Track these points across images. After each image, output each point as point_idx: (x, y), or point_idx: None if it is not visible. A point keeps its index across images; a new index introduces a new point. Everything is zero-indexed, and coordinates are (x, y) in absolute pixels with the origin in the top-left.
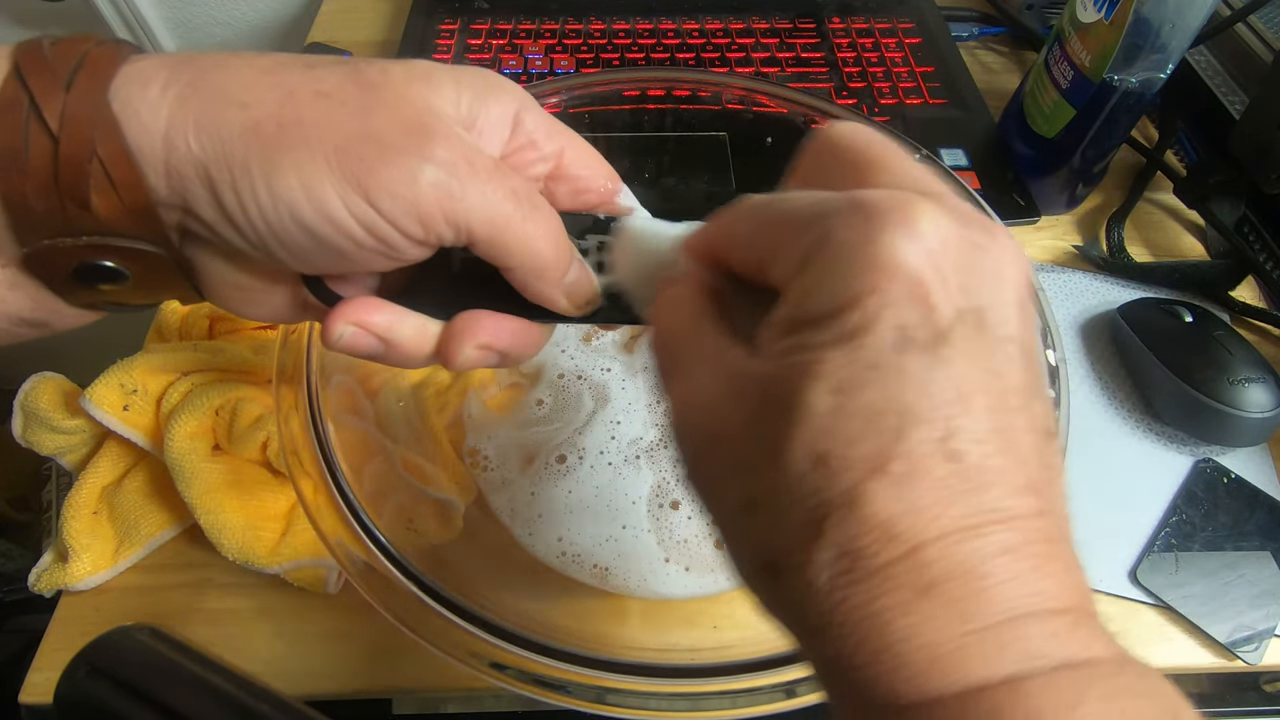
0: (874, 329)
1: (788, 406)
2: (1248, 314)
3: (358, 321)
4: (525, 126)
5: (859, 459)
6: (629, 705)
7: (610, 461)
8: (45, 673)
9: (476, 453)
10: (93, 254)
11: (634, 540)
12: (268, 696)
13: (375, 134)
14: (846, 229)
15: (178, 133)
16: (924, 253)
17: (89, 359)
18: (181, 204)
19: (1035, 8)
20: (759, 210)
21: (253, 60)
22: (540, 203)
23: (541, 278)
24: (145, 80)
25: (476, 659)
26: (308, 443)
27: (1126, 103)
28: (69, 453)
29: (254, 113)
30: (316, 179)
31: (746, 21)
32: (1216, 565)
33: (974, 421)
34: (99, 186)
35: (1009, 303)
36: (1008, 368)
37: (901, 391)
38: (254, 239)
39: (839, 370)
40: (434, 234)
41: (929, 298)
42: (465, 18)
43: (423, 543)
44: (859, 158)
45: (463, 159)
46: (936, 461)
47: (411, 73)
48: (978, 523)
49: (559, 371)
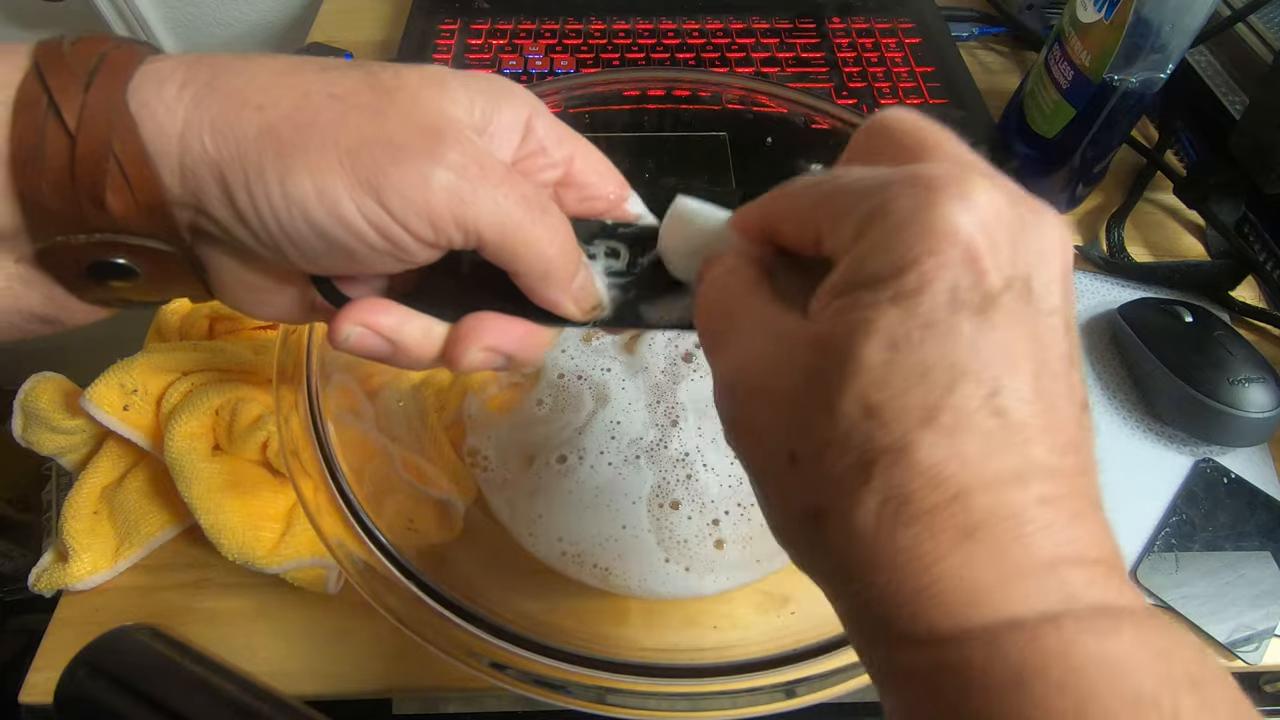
0: (929, 290)
1: (842, 360)
2: (1248, 314)
3: (364, 322)
4: (536, 133)
5: (910, 409)
6: (629, 705)
7: (610, 461)
8: (45, 673)
9: (476, 453)
10: (106, 251)
11: (634, 540)
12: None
13: (388, 137)
14: (905, 198)
15: (193, 133)
16: (978, 222)
17: (89, 359)
18: (195, 203)
19: (1035, 8)
20: (815, 185)
21: (268, 63)
22: (550, 208)
23: (549, 282)
24: (162, 81)
25: (476, 659)
26: (308, 443)
27: (1126, 103)
28: (69, 453)
29: (269, 114)
30: (329, 180)
31: (746, 21)
32: (1216, 565)
33: (1019, 382)
34: (115, 185)
35: (1054, 277)
36: (1050, 337)
37: (953, 349)
38: (266, 239)
39: (894, 327)
40: (444, 237)
41: (981, 263)
42: (465, 18)
43: (423, 543)
44: (912, 140)
45: (474, 163)
46: (984, 416)
47: (425, 78)
48: (1021, 473)
49: (559, 371)
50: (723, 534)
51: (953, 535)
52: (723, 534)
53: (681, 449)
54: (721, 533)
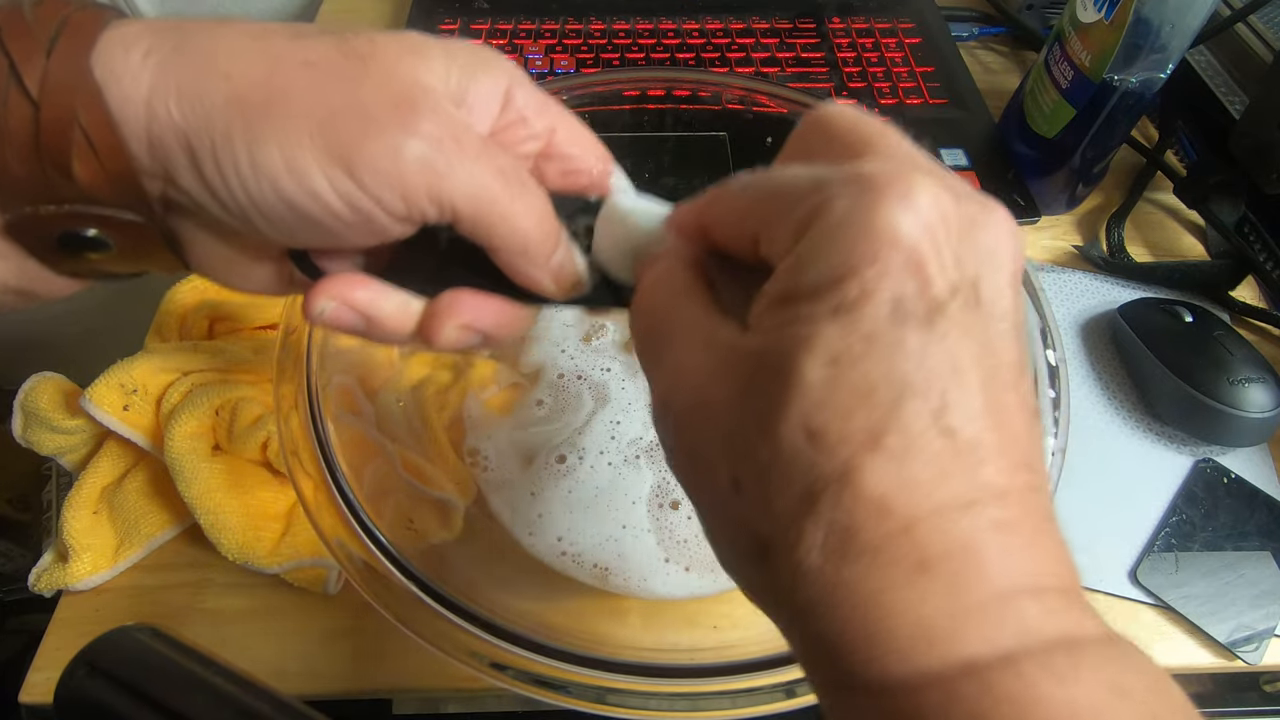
0: (871, 300)
1: (781, 379)
2: (1248, 314)
3: (339, 297)
4: (516, 103)
5: (854, 432)
6: (629, 705)
7: (610, 461)
8: (45, 673)
9: (476, 453)
10: (76, 223)
11: (634, 540)
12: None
13: (361, 107)
14: (844, 200)
15: (159, 100)
16: (922, 225)
17: (89, 359)
18: (163, 174)
19: (1035, 8)
20: (751, 185)
21: (239, 27)
22: (528, 182)
23: (527, 259)
24: (128, 46)
25: (476, 659)
26: (308, 443)
27: (1126, 103)
28: (69, 453)
29: (237, 82)
30: (299, 151)
31: (746, 21)
32: (1216, 565)
33: (968, 396)
34: (81, 153)
35: (1003, 280)
36: (1000, 344)
37: (897, 364)
38: (235, 210)
39: (834, 342)
40: (417, 210)
41: (925, 270)
42: (465, 18)
43: (423, 543)
44: (851, 136)
45: (449, 135)
46: (931, 437)
47: (401, 45)
48: (973, 498)
49: (559, 371)
50: None
51: (904, 570)
52: None
53: None
54: None
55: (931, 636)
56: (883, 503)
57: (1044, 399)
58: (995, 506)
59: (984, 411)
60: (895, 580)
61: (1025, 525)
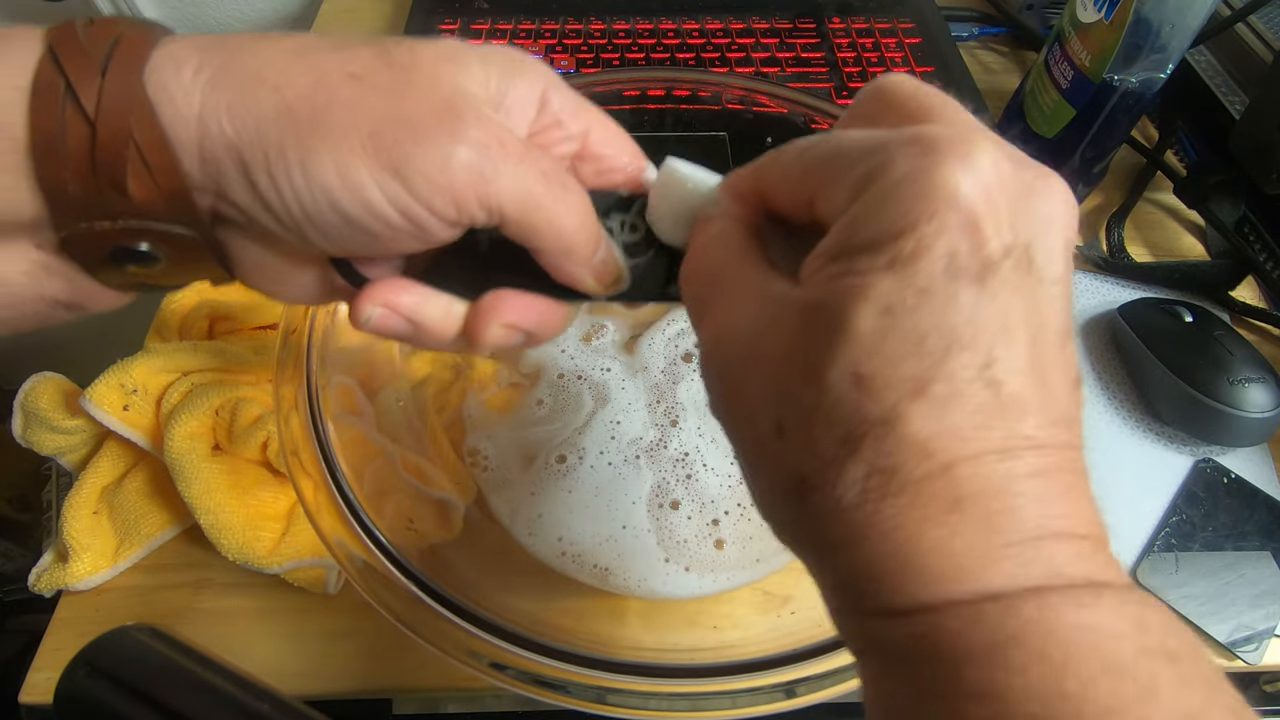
0: (927, 255)
1: (833, 328)
2: (1248, 314)
3: (385, 303)
4: (552, 106)
5: (901, 379)
6: (629, 705)
7: (610, 461)
8: (45, 673)
9: (476, 453)
10: (129, 238)
11: (634, 540)
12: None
13: (408, 117)
14: (905, 159)
15: (211, 116)
16: (980, 186)
17: (89, 359)
18: (215, 188)
19: (1035, 8)
20: (811, 147)
21: (282, 42)
22: (570, 183)
23: (570, 258)
24: (178, 64)
25: (476, 659)
26: (308, 443)
27: (1126, 103)
28: (69, 453)
29: (286, 95)
30: (351, 162)
31: (746, 21)
32: (1216, 565)
33: (1015, 352)
34: (135, 171)
35: (1056, 246)
36: (1049, 307)
37: (949, 317)
38: (288, 222)
39: (889, 293)
40: (467, 215)
41: (981, 230)
42: (465, 18)
43: (423, 543)
44: (913, 104)
45: (495, 140)
46: (977, 387)
47: (440, 53)
48: (1011, 445)
49: (559, 371)
50: (723, 534)
51: (939, 507)
52: (723, 534)
53: (681, 449)
54: (721, 532)
55: (960, 569)
56: (925, 446)
57: None
58: (1033, 455)
59: (1029, 369)
60: (930, 515)
61: (1060, 476)
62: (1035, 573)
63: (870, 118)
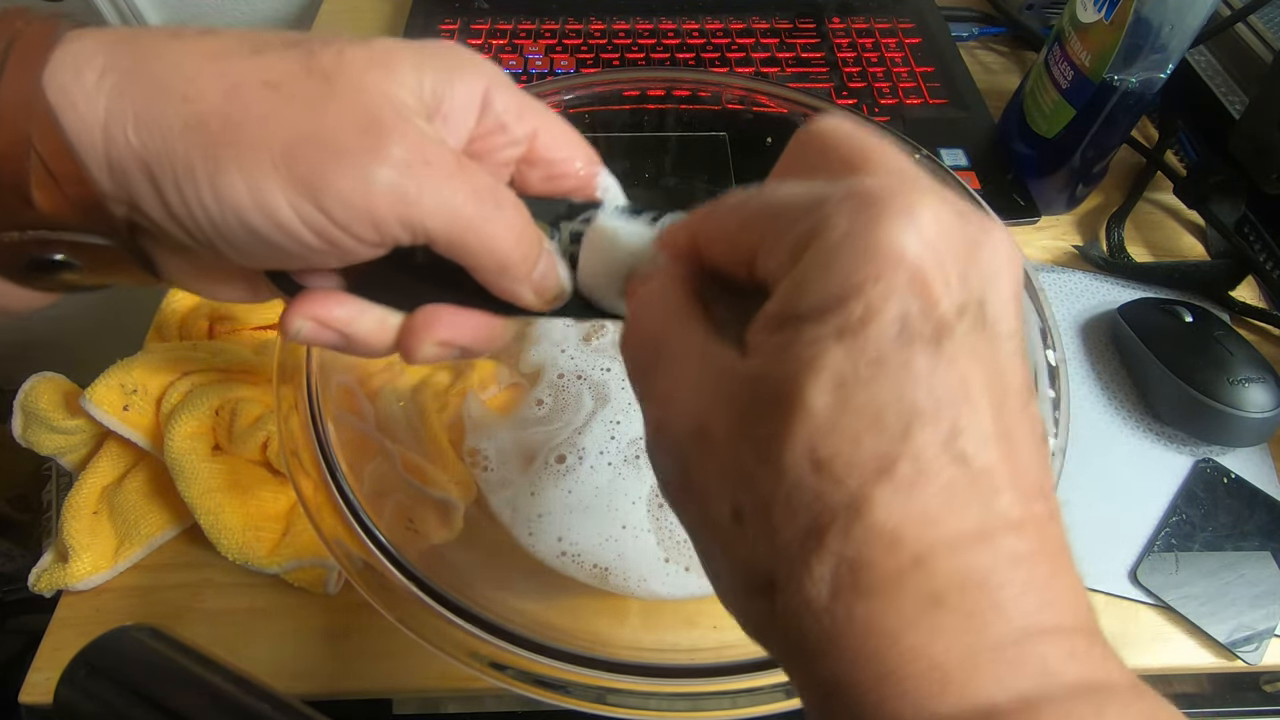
0: (877, 320)
1: (784, 405)
2: (1248, 314)
3: (315, 316)
4: (494, 108)
5: (863, 461)
6: (629, 705)
7: (610, 461)
8: (45, 673)
9: (476, 453)
10: (41, 249)
11: (634, 540)
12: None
13: (326, 134)
14: (844, 217)
15: (117, 125)
16: (925, 242)
17: (89, 359)
18: (128, 198)
19: (1035, 8)
20: (745, 203)
21: (196, 44)
22: (505, 199)
23: (506, 275)
24: (80, 66)
25: (476, 659)
26: (308, 443)
27: (1126, 103)
28: (69, 453)
29: (197, 106)
30: (263, 182)
31: (746, 21)
32: (1216, 565)
33: (980, 421)
34: (40, 181)
35: (1007, 299)
36: (1009, 366)
37: (907, 388)
38: (200, 238)
39: (840, 364)
40: (389, 236)
41: (931, 289)
42: (465, 18)
43: (423, 543)
44: (848, 150)
45: (419, 158)
46: (944, 464)
47: (371, 58)
48: (988, 530)
49: (559, 371)
50: None
51: (917, 606)
52: None
53: None
54: None
55: (946, 678)
56: (894, 535)
57: (1044, 399)
58: (1012, 538)
59: (996, 438)
60: (907, 616)
61: (1043, 559)
62: (1026, 677)
63: (806, 166)
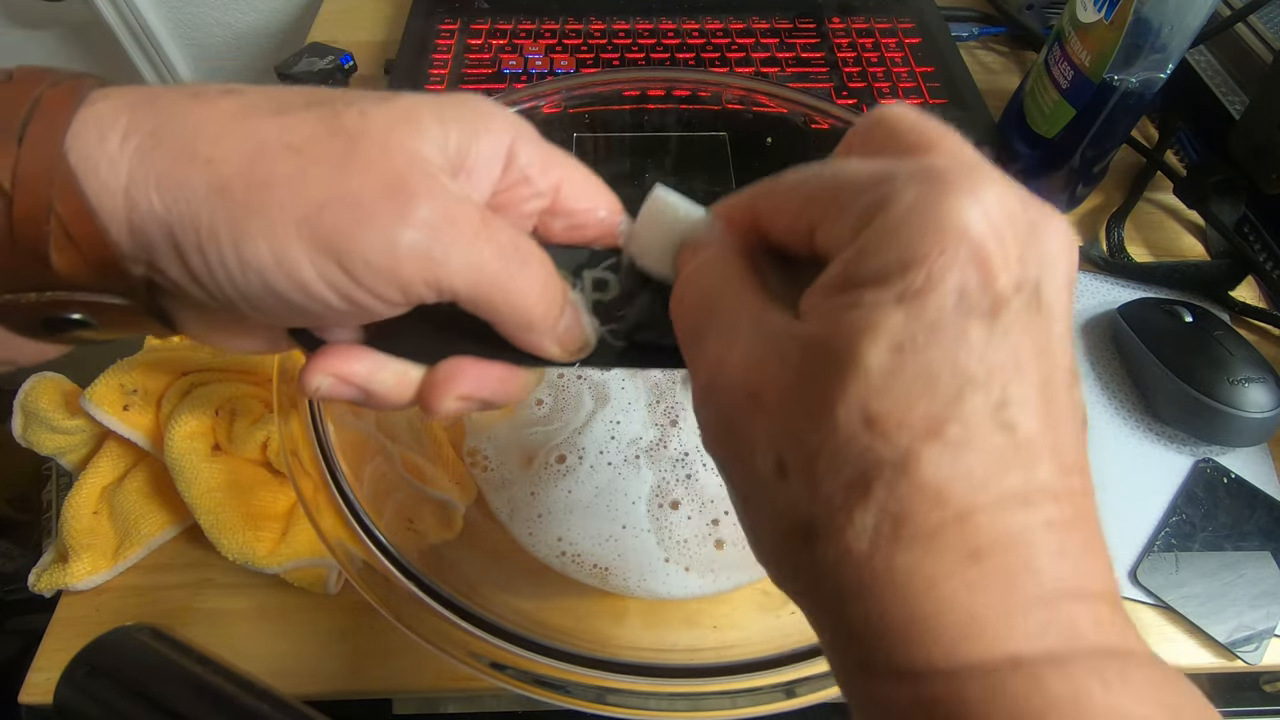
0: (938, 289)
1: (841, 364)
2: (1248, 314)
3: (335, 372)
4: (519, 161)
5: (914, 421)
6: (629, 705)
7: (610, 461)
8: (45, 673)
9: (476, 453)
10: (58, 309)
11: (634, 540)
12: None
13: (352, 196)
14: (912, 192)
15: (139, 190)
16: (989, 221)
17: (89, 359)
18: (147, 259)
19: (1035, 8)
20: (810, 177)
21: (218, 104)
22: (530, 255)
23: (532, 331)
24: (103, 130)
25: (476, 659)
26: (308, 443)
27: (1126, 103)
28: (69, 453)
29: (221, 170)
30: (288, 246)
31: (746, 21)
32: (1216, 565)
33: (1027, 394)
34: (59, 244)
35: (1061, 284)
36: (1058, 347)
37: (961, 355)
38: (222, 299)
39: (898, 328)
40: (414, 296)
41: (991, 265)
42: (465, 18)
43: (423, 543)
44: (914, 136)
45: (445, 219)
46: (991, 429)
47: (394, 115)
48: (1028, 495)
49: (559, 371)
50: (722, 534)
51: (955, 559)
52: (722, 534)
53: (681, 449)
54: (721, 533)
55: (980, 628)
56: (940, 492)
57: None
58: (1050, 505)
59: (1041, 411)
60: (946, 568)
61: (1077, 529)
62: (1056, 635)
63: (870, 148)
